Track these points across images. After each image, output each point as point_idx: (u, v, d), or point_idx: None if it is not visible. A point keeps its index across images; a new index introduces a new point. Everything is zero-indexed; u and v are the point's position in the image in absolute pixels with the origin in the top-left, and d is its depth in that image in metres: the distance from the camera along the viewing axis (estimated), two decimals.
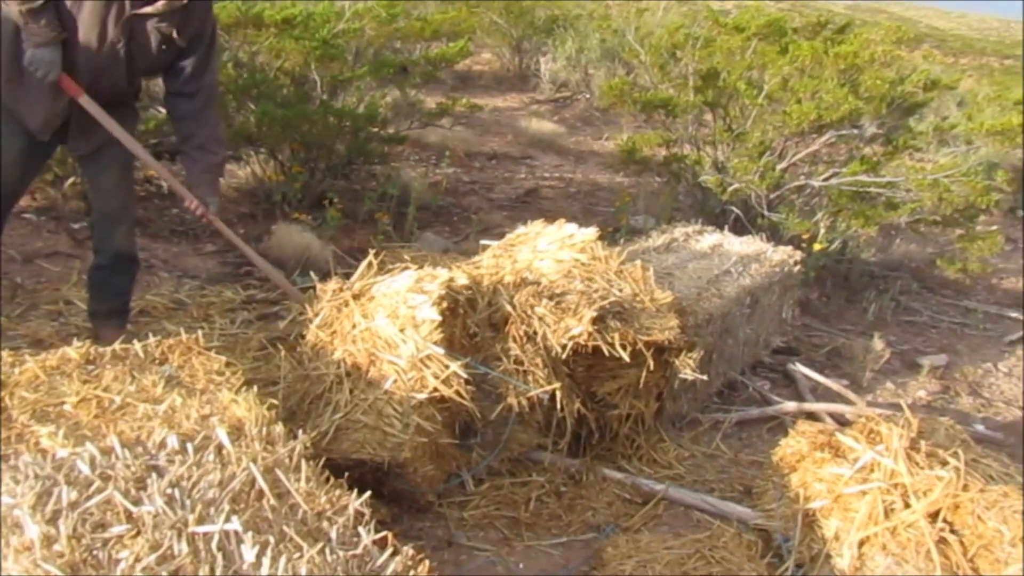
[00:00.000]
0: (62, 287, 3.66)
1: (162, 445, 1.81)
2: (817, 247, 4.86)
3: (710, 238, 4.13)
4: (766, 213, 5.02)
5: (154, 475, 1.69)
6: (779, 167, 5.02)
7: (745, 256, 3.90)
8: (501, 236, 3.39)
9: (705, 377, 3.13)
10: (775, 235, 4.78)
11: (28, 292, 3.58)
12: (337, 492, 1.80)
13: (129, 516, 1.58)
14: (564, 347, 2.72)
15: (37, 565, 1.45)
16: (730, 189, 5.02)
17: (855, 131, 5.07)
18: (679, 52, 5.33)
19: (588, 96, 9.60)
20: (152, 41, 2.77)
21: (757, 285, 3.70)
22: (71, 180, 4.40)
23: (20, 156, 2.90)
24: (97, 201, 3.14)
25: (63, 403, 1.96)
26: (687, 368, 2.99)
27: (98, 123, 2.86)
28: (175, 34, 2.78)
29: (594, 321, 2.73)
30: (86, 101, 2.75)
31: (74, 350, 2.17)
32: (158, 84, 5.33)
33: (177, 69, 2.88)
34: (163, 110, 5.05)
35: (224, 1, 4.62)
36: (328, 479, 1.86)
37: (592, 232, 3.12)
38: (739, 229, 4.80)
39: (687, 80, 5.30)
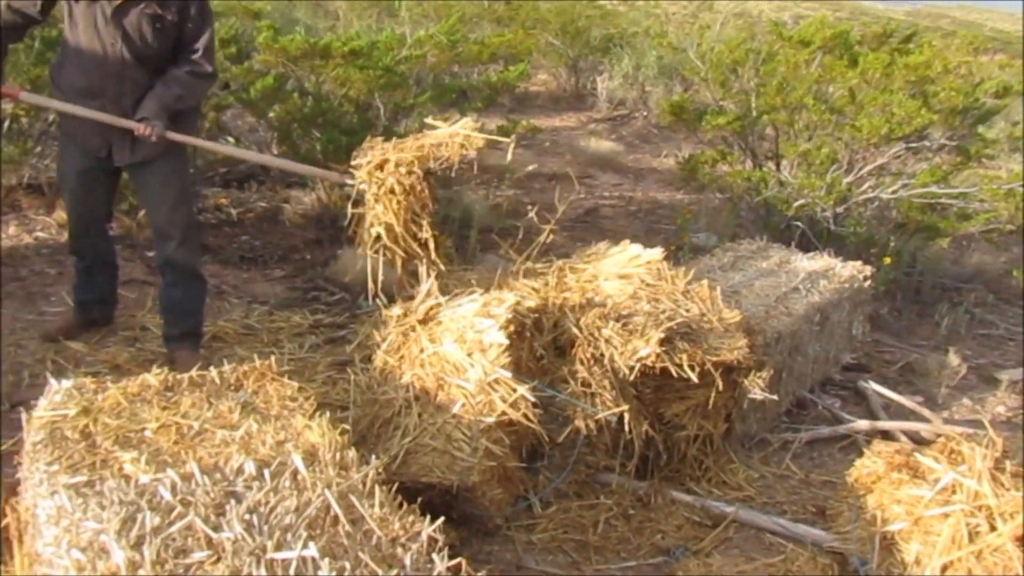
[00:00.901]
0: (138, 313, 3.77)
1: (239, 471, 1.85)
2: (887, 261, 4.74)
3: (776, 255, 4.06)
4: (833, 228, 4.92)
5: (232, 501, 1.73)
6: (846, 180, 4.92)
7: (813, 272, 3.83)
8: (564, 257, 3.39)
9: (775, 396, 3.07)
10: (843, 250, 4.69)
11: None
12: (410, 518, 1.81)
13: (209, 542, 1.62)
14: (631, 369, 2.70)
15: None
16: (795, 204, 4.93)
17: (925, 142, 4.95)
18: (740, 68, 5.28)
19: (646, 114, 9.57)
20: (144, 27, 2.84)
21: (826, 302, 3.63)
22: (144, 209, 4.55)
23: (82, 176, 3.06)
24: (148, 215, 3.32)
25: (144, 429, 2.01)
26: (756, 388, 2.94)
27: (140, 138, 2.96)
28: (158, 10, 2.85)
29: (662, 342, 2.70)
30: (26, 96, 3.02)
31: (153, 376, 2.22)
32: (227, 115, 5.51)
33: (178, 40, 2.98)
34: (231, 138, 5.21)
35: (293, 33, 4.74)
36: (401, 504, 1.87)
37: (658, 252, 3.10)
38: (805, 244, 4.71)
39: (748, 96, 5.24)
